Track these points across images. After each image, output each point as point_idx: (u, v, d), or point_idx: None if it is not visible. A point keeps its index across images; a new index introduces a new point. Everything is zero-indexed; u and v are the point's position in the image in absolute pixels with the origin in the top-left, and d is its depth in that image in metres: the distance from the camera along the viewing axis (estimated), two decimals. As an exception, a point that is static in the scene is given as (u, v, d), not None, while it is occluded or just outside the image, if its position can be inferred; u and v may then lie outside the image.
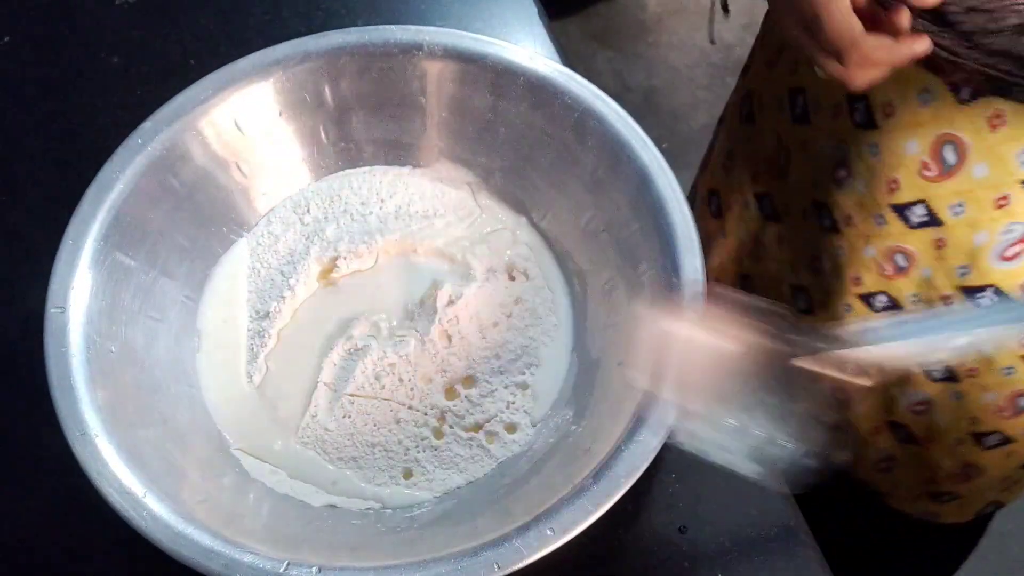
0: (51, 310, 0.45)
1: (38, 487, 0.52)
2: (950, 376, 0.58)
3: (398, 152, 0.58)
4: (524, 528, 0.39)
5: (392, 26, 0.54)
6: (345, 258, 0.54)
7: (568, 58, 0.65)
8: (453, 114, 0.56)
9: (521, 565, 0.38)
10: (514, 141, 0.55)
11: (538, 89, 0.53)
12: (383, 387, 0.50)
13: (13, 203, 0.62)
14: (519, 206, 0.57)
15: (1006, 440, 0.60)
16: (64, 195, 0.49)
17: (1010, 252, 0.52)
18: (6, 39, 0.70)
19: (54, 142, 0.65)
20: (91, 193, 0.48)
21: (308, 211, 0.56)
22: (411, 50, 0.54)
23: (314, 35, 0.54)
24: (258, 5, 0.71)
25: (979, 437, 0.61)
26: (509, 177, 0.56)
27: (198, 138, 0.52)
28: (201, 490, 0.44)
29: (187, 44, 0.69)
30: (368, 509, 0.47)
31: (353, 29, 0.54)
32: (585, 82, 0.52)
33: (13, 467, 0.53)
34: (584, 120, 0.51)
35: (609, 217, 0.52)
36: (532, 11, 0.69)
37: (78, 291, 0.46)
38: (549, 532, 0.39)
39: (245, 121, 0.54)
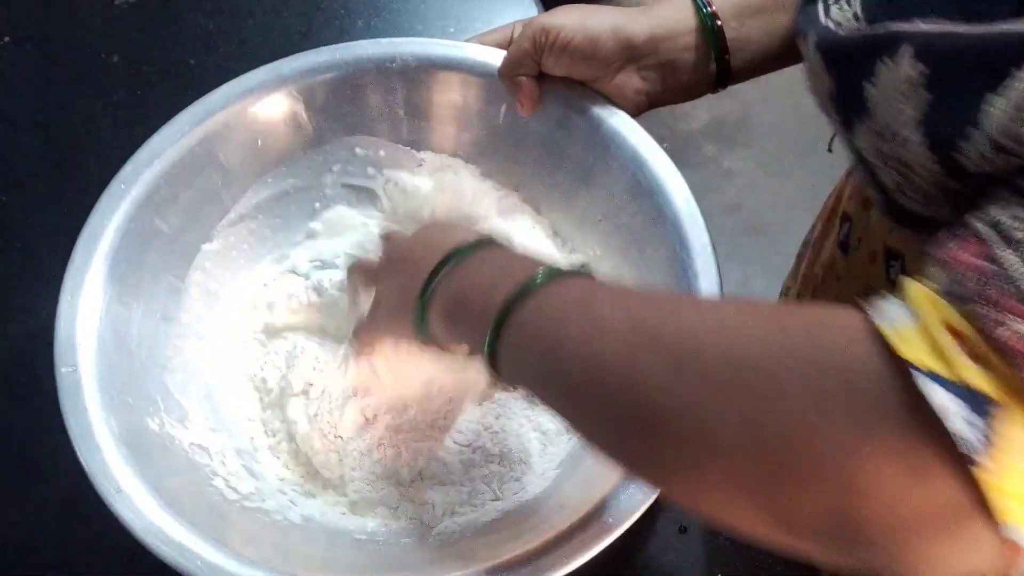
0: (62, 370, 0.43)
1: (38, 488, 0.52)
2: None
3: (388, 159, 0.57)
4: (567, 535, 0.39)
5: (363, 41, 0.54)
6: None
7: (568, 58, 0.65)
8: (438, 120, 0.56)
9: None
10: (504, 140, 0.55)
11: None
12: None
13: (13, 203, 0.62)
14: (519, 204, 0.57)
15: None
16: (64, 196, 0.49)
17: None
18: (6, 39, 0.70)
19: (54, 142, 0.65)
20: (81, 245, 0.47)
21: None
22: (385, 63, 0.53)
23: (286, 58, 0.53)
24: (258, 5, 0.71)
25: None
26: (506, 176, 0.57)
27: (180, 176, 0.50)
28: (246, 530, 0.44)
29: (187, 44, 0.69)
30: (410, 535, 0.47)
31: (323, 48, 0.54)
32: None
33: (12, 467, 0.53)
34: (568, 115, 0.52)
35: (606, 206, 0.52)
36: (532, 11, 0.69)
37: (84, 348, 0.44)
38: (609, 520, 0.39)
39: (225, 154, 0.52)
